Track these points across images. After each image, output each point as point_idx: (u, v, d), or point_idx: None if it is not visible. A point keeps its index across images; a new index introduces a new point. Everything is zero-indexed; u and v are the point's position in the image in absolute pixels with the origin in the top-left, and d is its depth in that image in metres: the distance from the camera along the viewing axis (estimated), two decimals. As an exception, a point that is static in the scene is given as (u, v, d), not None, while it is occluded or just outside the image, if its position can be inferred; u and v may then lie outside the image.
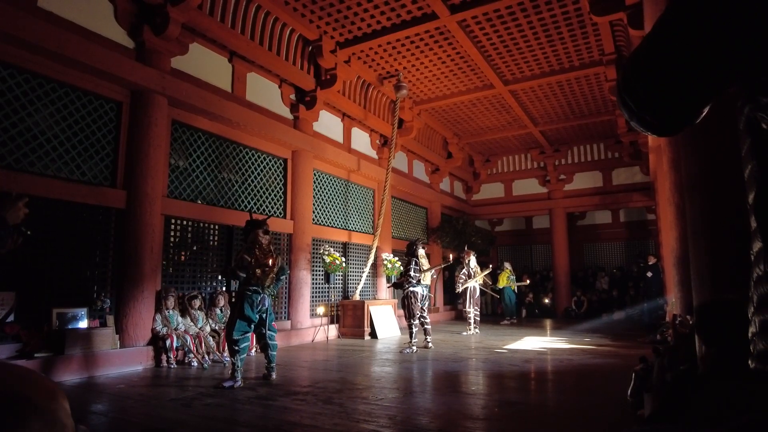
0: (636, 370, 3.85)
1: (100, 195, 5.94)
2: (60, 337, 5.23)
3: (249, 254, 4.97)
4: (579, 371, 5.65)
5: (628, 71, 0.80)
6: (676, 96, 0.75)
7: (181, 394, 4.55)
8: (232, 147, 7.91)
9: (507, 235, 17.93)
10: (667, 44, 0.73)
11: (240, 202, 7.94)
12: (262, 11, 7.80)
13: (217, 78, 7.69)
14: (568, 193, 15.37)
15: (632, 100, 0.79)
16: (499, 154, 16.39)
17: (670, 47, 0.73)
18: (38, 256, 5.36)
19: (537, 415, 3.85)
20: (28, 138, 5.37)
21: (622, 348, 7.56)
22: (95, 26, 6.00)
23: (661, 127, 0.80)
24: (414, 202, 13.65)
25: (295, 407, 4.01)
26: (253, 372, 5.68)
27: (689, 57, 0.71)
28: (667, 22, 0.74)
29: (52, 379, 1.13)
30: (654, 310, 9.66)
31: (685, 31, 0.70)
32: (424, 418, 3.69)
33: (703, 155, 2.87)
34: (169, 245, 6.85)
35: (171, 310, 6.32)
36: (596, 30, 8.40)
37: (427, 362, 6.41)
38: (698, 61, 0.70)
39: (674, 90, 0.74)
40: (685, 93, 0.74)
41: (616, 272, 15.32)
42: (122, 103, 6.30)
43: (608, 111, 12.11)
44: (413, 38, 8.62)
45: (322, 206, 9.88)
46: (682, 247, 4.67)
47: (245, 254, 4.98)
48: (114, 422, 3.65)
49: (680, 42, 0.71)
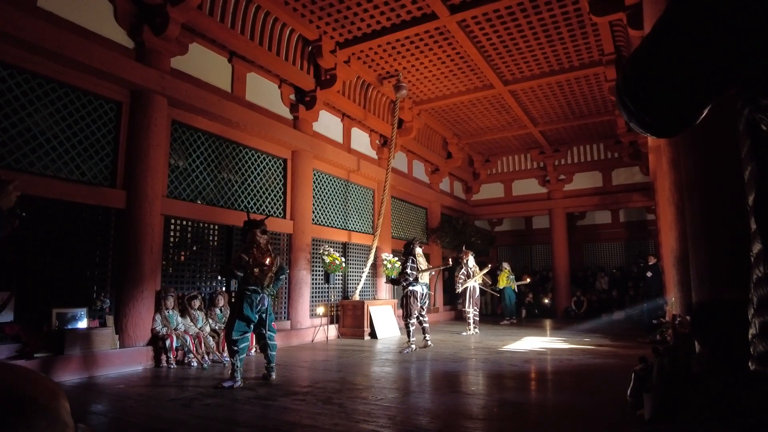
0: (636, 371, 3.85)
1: (100, 195, 5.94)
2: (60, 338, 5.23)
3: (246, 254, 4.97)
4: (579, 371, 5.66)
5: (627, 72, 0.80)
6: (676, 97, 0.75)
7: (181, 394, 4.55)
8: (232, 147, 7.91)
9: (507, 235, 17.94)
10: (666, 46, 0.73)
11: (240, 203, 7.94)
12: (261, 11, 7.80)
13: (217, 78, 7.69)
14: (567, 193, 15.37)
15: (631, 101, 0.79)
16: (499, 154, 16.40)
17: (669, 49, 0.73)
18: (38, 256, 5.36)
19: (536, 416, 3.85)
20: (28, 138, 5.37)
21: (621, 348, 7.57)
22: (95, 26, 6.00)
23: (660, 129, 0.80)
24: (414, 202, 13.65)
25: (295, 407, 4.01)
26: (253, 372, 5.68)
27: (689, 58, 0.70)
28: (666, 23, 0.74)
29: (52, 379, 1.13)
30: (654, 310, 9.66)
31: (684, 33, 0.70)
32: (424, 418, 3.69)
33: (702, 155, 2.87)
34: (168, 245, 6.85)
35: (171, 310, 6.32)
36: (596, 30, 8.40)
37: (427, 362, 6.42)
38: (698, 62, 0.70)
39: (674, 91, 0.74)
40: (685, 95, 0.74)
41: (615, 272, 15.33)
42: (122, 103, 6.30)
43: (608, 111, 12.12)
44: (413, 38, 8.62)
45: (321, 206, 9.88)
46: (681, 247, 4.67)
47: (243, 253, 4.98)
48: (114, 422, 3.65)
49: (680, 43, 0.71)
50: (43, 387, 0.56)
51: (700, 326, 1.65)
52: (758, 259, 0.75)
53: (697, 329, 1.65)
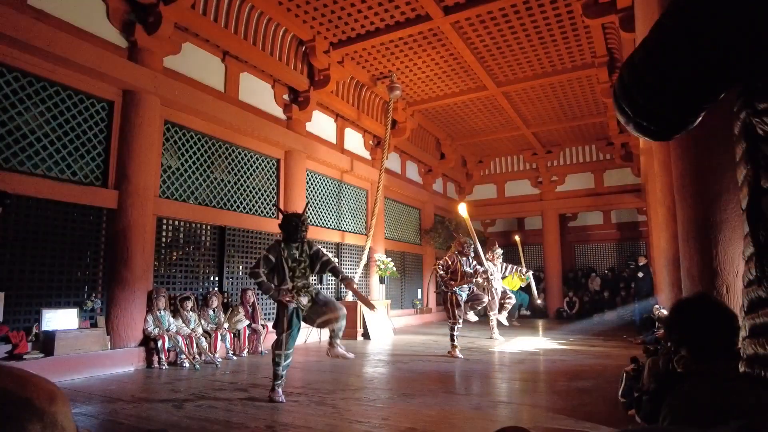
0: (627, 371, 3.88)
1: (91, 195, 5.89)
2: (50, 339, 5.18)
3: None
4: (571, 371, 5.68)
5: (624, 77, 0.80)
6: (672, 102, 0.75)
7: (173, 395, 4.51)
8: (225, 147, 7.87)
9: (499, 236, 17.98)
10: (662, 51, 0.74)
11: (232, 203, 7.91)
12: (255, 11, 7.77)
13: (210, 78, 7.66)
14: (560, 195, 15.46)
15: (628, 105, 0.79)
16: (492, 156, 16.45)
17: (665, 54, 0.73)
18: (27, 256, 5.30)
19: (529, 416, 3.87)
20: (18, 137, 5.31)
21: (613, 348, 7.61)
22: (86, 25, 5.94)
23: (657, 132, 0.80)
24: (407, 203, 13.66)
25: (288, 408, 4.00)
26: (248, 373, 5.65)
27: (685, 64, 0.71)
28: (662, 28, 0.74)
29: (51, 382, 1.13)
30: (645, 310, 9.74)
31: (681, 38, 0.71)
32: (417, 418, 3.69)
33: (693, 158, 2.90)
34: (161, 246, 6.80)
35: (163, 311, 6.27)
36: (588, 33, 8.45)
37: (420, 363, 6.42)
38: (694, 67, 0.71)
39: (670, 97, 0.75)
40: (681, 100, 0.75)
41: (607, 273, 15.43)
42: (114, 103, 6.25)
43: (600, 113, 12.19)
44: (407, 39, 8.63)
45: (315, 207, 9.86)
46: (673, 248, 4.71)
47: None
48: (105, 424, 3.62)
49: (676, 49, 0.72)
50: (40, 390, 0.55)
51: (671, 327, 1.67)
52: (750, 261, 0.76)
53: (670, 330, 1.67)
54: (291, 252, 4.45)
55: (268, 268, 4.37)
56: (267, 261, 4.36)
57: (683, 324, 1.56)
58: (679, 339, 1.58)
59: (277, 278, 4.39)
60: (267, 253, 4.40)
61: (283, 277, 4.38)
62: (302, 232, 4.49)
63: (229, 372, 5.76)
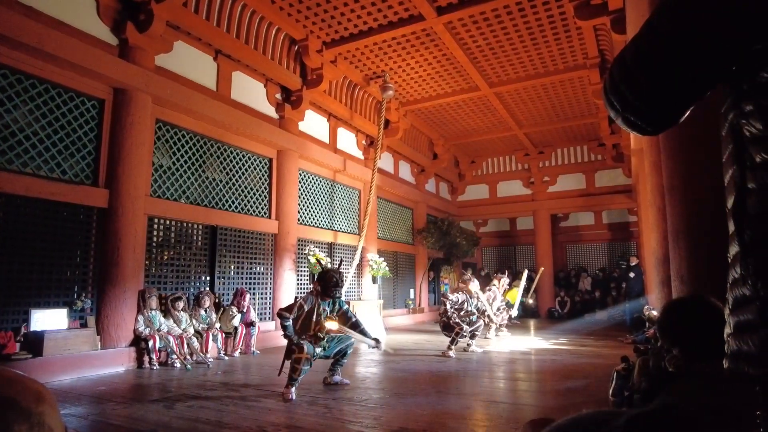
0: (618, 370, 3.91)
1: (82, 194, 5.84)
2: (38, 339, 5.12)
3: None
4: (562, 371, 5.72)
5: (614, 73, 0.82)
6: (660, 98, 0.77)
7: (164, 395, 4.49)
8: (217, 146, 7.83)
9: (491, 236, 18.06)
10: (651, 49, 0.75)
11: (224, 202, 7.87)
12: (247, 10, 7.74)
13: (202, 76, 7.61)
14: (551, 195, 15.54)
15: (618, 100, 0.81)
16: (484, 156, 16.51)
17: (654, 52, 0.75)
18: (16, 255, 5.25)
19: (521, 415, 3.88)
20: (6, 135, 5.25)
21: (604, 348, 7.67)
22: (77, 22, 5.89)
23: (644, 127, 0.82)
24: (400, 203, 13.67)
25: (280, 408, 3.99)
26: (239, 373, 5.63)
27: (673, 61, 0.73)
28: (652, 27, 0.76)
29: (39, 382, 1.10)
30: (636, 310, 9.82)
31: (669, 36, 0.73)
32: (409, 418, 3.70)
33: (682, 159, 2.93)
34: (152, 245, 6.76)
35: (154, 311, 6.23)
36: (580, 34, 8.50)
37: (412, 363, 6.43)
38: (682, 65, 0.72)
39: (658, 93, 0.76)
40: (668, 96, 0.77)
41: (598, 273, 15.54)
42: (105, 101, 6.20)
43: (592, 114, 12.28)
44: (400, 39, 8.64)
45: (307, 206, 9.84)
46: (663, 249, 4.76)
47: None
48: (95, 425, 3.59)
49: (664, 47, 0.73)
50: (27, 390, 0.55)
51: (663, 326, 1.68)
52: (735, 260, 0.77)
53: (662, 330, 1.68)
54: (324, 306, 4.74)
55: (298, 315, 4.61)
56: (300, 309, 4.63)
57: (677, 324, 1.57)
58: (672, 339, 1.59)
59: (302, 326, 4.64)
60: (303, 302, 4.65)
61: (308, 327, 4.65)
62: (339, 291, 4.80)
63: (220, 372, 5.73)
